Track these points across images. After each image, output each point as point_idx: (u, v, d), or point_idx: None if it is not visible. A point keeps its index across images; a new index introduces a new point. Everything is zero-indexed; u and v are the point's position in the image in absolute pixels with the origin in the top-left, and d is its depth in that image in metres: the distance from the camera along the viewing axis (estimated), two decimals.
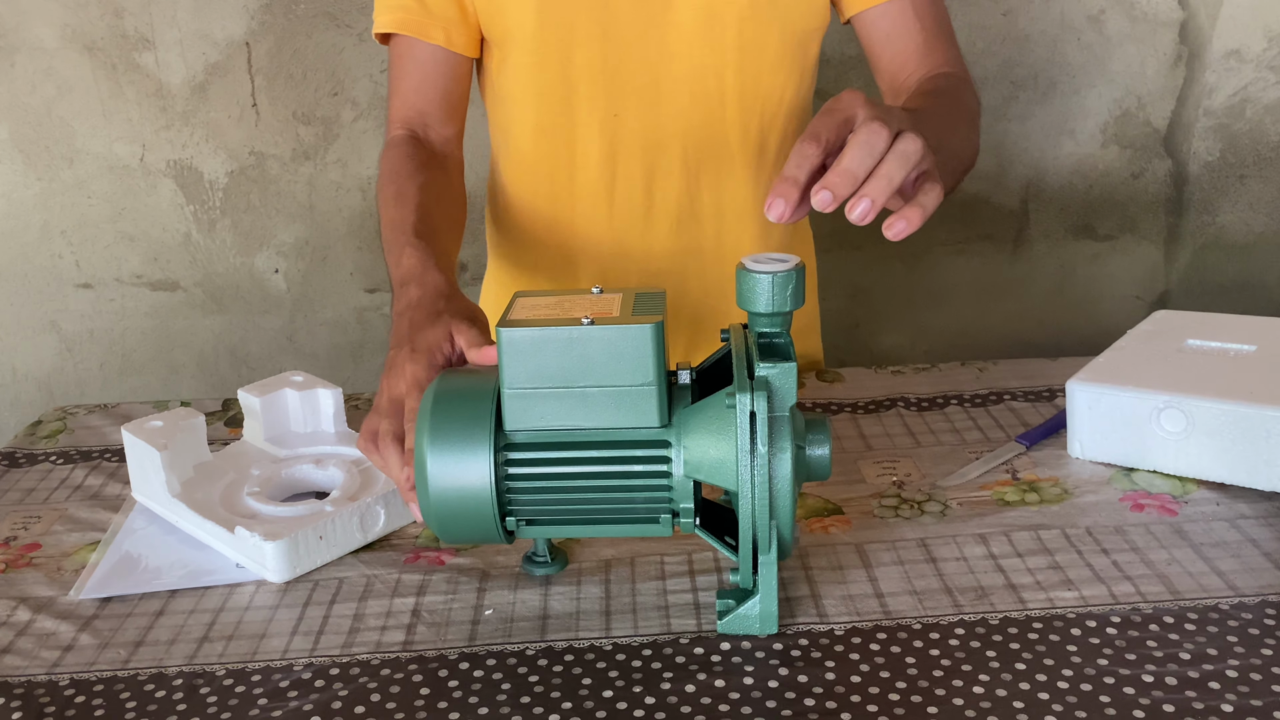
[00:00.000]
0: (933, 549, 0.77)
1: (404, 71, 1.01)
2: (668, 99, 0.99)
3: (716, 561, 0.77)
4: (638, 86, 0.99)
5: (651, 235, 1.05)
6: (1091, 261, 1.85)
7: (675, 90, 0.99)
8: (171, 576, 0.78)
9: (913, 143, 0.66)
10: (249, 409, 0.92)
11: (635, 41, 0.97)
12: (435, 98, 1.01)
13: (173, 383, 1.84)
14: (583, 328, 0.66)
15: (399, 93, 1.02)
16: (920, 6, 0.99)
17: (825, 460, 0.69)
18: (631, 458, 0.68)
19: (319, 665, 0.68)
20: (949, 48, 1.00)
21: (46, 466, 0.97)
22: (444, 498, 0.69)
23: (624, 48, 0.97)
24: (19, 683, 0.67)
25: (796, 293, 0.68)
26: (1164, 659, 0.65)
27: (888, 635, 0.68)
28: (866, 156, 0.65)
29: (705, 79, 0.99)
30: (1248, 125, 1.77)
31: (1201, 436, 0.83)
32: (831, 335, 1.87)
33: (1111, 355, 0.92)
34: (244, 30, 1.66)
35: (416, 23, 0.98)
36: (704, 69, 0.98)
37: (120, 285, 1.79)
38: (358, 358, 1.85)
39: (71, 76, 1.67)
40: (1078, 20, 1.71)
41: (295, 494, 0.87)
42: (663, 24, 0.97)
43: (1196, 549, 0.76)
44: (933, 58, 0.99)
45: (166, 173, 1.73)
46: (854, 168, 0.65)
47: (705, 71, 0.98)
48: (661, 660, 0.67)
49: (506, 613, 0.72)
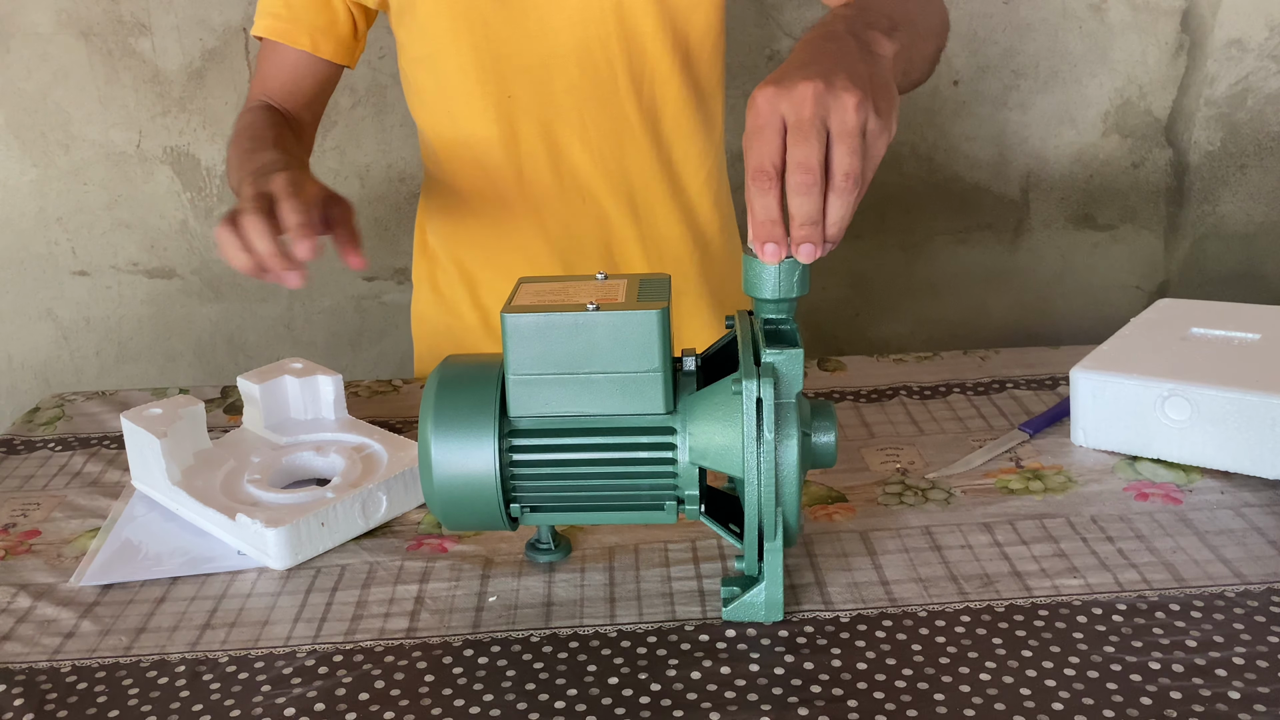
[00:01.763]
0: (937, 537, 0.77)
1: (268, 73, 1.08)
2: (558, 75, 1.02)
3: (721, 549, 0.77)
4: (526, 65, 1.02)
5: (566, 211, 1.08)
6: (1092, 251, 1.85)
7: (564, 66, 1.02)
8: (172, 564, 0.78)
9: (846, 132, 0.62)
10: (248, 396, 0.92)
11: (519, 21, 1.00)
12: (295, 92, 1.08)
13: (169, 371, 1.84)
14: (588, 313, 0.66)
15: (259, 81, 1.09)
16: None
17: (831, 447, 0.69)
18: (636, 444, 0.68)
19: (322, 652, 0.67)
20: None
21: (45, 453, 0.97)
22: (448, 484, 0.68)
23: (509, 27, 1.00)
24: (20, 669, 0.67)
25: (803, 280, 0.67)
26: (1170, 646, 0.65)
27: (893, 622, 0.68)
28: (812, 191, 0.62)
29: (591, 51, 1.01)
30: (1249, 115, 1.77)
31: (1205, 425, 0.82)
32: (832, 324, 1.87)
33: (1115, 343, 0.92)
34: (241, 16, 1.64)
35: (285, 29, 1.05)
36: (588, 41, 1.01)
37: (117, 273, 1.78)
38: (356, 346, 1.84)
39: (67, 62, 1.65)
40: (1079, 9, 1.70)
41: (296, 481, 0.86)
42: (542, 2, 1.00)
43: (1201, 537, 0.76)
44: None
45: (163, 160, 1.72)
46: (811, 212, 0.63)
47: (590, 44, 1.01)
48: (666, 647, 0.66)
49: (511, 600, 0.72)
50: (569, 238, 1.09)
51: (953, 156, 1.77)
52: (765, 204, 0.64)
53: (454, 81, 1.04)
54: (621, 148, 1.06)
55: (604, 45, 1.02)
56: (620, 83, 1.03)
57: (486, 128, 1.05)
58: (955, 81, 1.73)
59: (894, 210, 1.80)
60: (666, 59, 1.04)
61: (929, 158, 1.77)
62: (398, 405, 1.03)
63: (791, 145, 0.63)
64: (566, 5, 1.00)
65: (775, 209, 0.64)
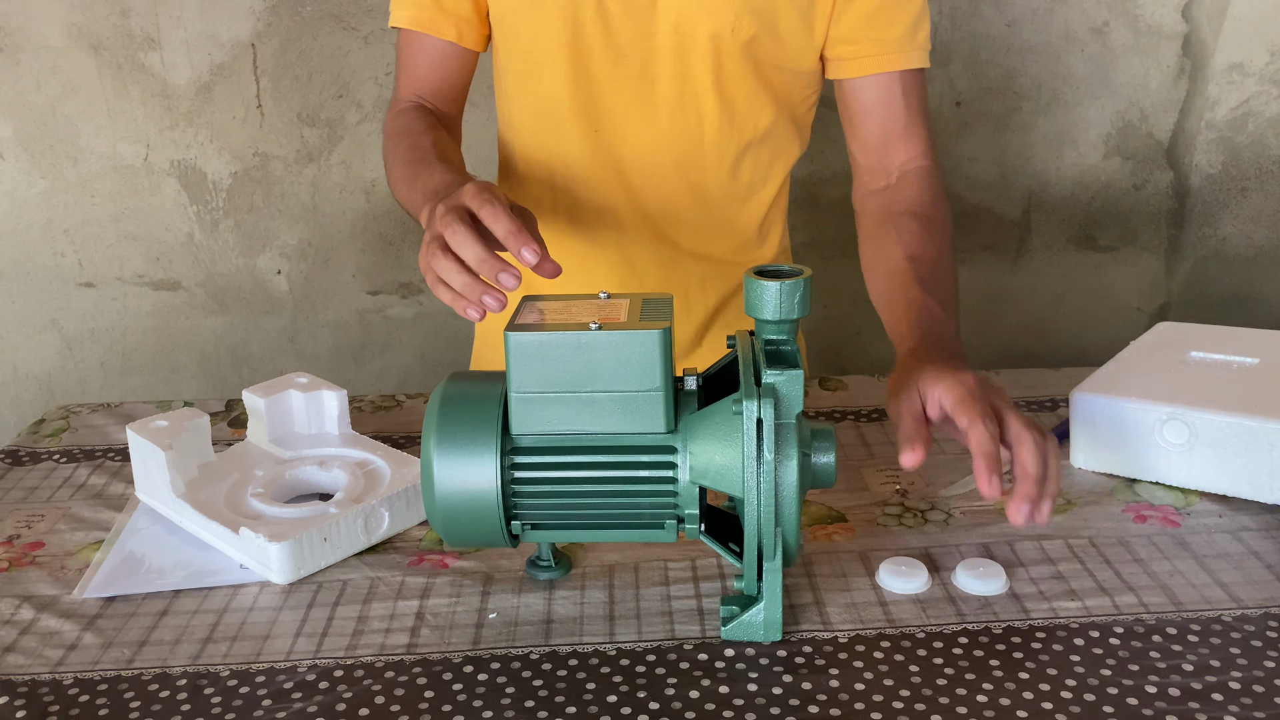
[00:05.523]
0: (936, 558, 0.77)
1: (414, 62, 1.05)
2: (646, 119, 1.01)
3: (720, 568, 0.77)
4: (618, 104, 1.00)
5: (634, 246, 1.07)
6: (1093, 272, 1.85)
7: (655, 112, 1.00)
8: (175, 576, 0.78)
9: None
10: (253, 410, 0.92)
11: (619, 60, 0.98)
12: (443, 87, 1.05)
13: (173, 382, 1.84)
14: (590, 333, 0.67)
15: (406, 81, 1.06)
16: (908, 84, 1.00)
17: (831, 468, 0.69)
18: (637, 463, 0.68)
19: (323, 667, 0.68)
20: (926, 132, 1.03)
21: (50, 465, 0.97)
22: (450, 501, 0.69)
23: (608, 65, 0.99)
24: (23, 681, 0.67)
25: (804, 301, 0.68)
26: (1167, 670, 0.65)
27: (891, 643, 0.68)
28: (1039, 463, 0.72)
29: (684, 103, 1.00)
30: (1249, 139, 1.78)
31: (1204, 448, 0.83)
32: (833, 343, 1.88)
33: (1115, 366, 0.93)
34: (250, 31, 1.66)
35: (430, 19, 1.02)
36: (682, 94, 0.99)
37: (122, 284, 1.79)
38: (359, 360, 1.85)
39: (77, 75, 1.67)
40: (1081, 32, 1.71)
41: (299, 495, 0.87)
42: (648, 47, 0.98)
43: (1199, 561, 0.76)
44: (911, 142, 1.01)
45: (170, 173, 1.73)
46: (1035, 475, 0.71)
47: (684, 96, 1.00)
48: (665, 666, 0.67)
49: (511, 617, 0.72)
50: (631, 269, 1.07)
51: (955, 177, 1.78)
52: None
53: (546, 105, 1.02)
54: (700, 200, 1.04)
55: (696, 99, 1.00)
56: (708, 140, 1.01)
57: (573, 153, 1.03)
58: (958, 103, 1.74)
59: None
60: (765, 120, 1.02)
61: None
62: (401, 420, 1.04)
63: (1020, 438, 0.73)
64: (669, 58, 0.98)
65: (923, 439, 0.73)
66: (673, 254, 1.07)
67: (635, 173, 1.03)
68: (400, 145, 0.98)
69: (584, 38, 0.97)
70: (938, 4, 1.68)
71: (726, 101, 1.00)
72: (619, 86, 0.99)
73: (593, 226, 1.06)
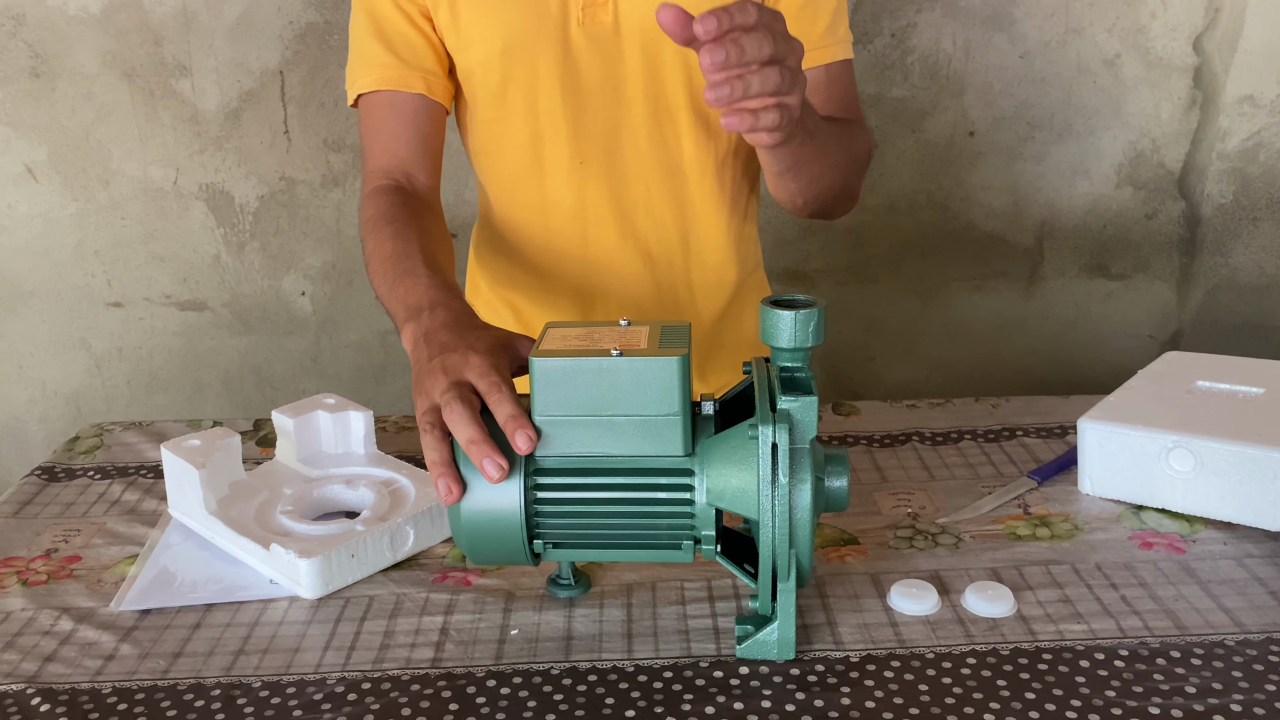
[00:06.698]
0: (946, 580, 0.79)
1: (383, 124, 1.03)
2: (628, 143, 1.04)
3: (735, 588, 0.79)
4: (600, 133, 1.03)
5: (627, 273, 1.10)
6: (1105, 300, 1.87)
7: (634, 134, 1.04)
8: (207, 591, 0.81)
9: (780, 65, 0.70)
10: (282, 429, 0.95)
11: (594, 90, 1.02)
12: (418, 144, 1.03)
13: (198, 401, 1.88)
14: (612, 359, 0.69)
15: (379, 143, 1.03)
16: (834, 74, 1.04)
17: (844, 492, 0.71)
18: (656, 485, 0.71)
19: (351, 680, 0.70)
20: (858, 115, 1.06)
21: (85, 481, 1.00)
22: (475, 519, 0.71)
23: (582, 97, 1.02)
24: (64, 690, 0.70)
25: (818, 330, 0.71)
26: (1170, 692, 0.67)
27: (901, 663, 0.70)
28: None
29: (660, 121, 1.03)
30: (1260, 169, 1.80)
31: (1209, 476, 0.85)
32: (848, 367, 1.90)
33: (1122, 394, 0.94)
34: (278, 59, 1.70)
35: (397, 76, 1.01)
36: (658, 112, 1.03)
37: (150, 304, 1.83)
38: (380, 380, 1.88)
39: (110, 101, 1.71)
40: (1094, 64, 1.74)
41: (326, 513, 0.89)
42: (617, 74, 1.01)
43: (1203, 586, 0.78)
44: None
45: (198, 196, 1.77)
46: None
47: (659, 114, 1.03)
48: (682, 682, 0.69)
49: (532, 633, 0.75)
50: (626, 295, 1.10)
51: (968, 205, 1.80)
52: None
53: (526, 144, 1.04)
54: (685, 219, 1.08)
55: (672, 119, 1.03)
56: (686, 155, 1.05)
57: (557, 190, 1.05)
58: (971, 132, 1.77)
59: (910, 257, 1.83)
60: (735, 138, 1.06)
61: (945, 206, 1.80)
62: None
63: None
64: (640, 80, 1.01)
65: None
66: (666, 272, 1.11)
67: (626, 201, 1.06)
68: (381, 234, 0.94)
69: (555, 74, 1.01)
70: (952, 37, 1.71)
71: (700, 114, 1.03)
72: (595, 118, 1.03)
73: (582, 257, 1.09)
